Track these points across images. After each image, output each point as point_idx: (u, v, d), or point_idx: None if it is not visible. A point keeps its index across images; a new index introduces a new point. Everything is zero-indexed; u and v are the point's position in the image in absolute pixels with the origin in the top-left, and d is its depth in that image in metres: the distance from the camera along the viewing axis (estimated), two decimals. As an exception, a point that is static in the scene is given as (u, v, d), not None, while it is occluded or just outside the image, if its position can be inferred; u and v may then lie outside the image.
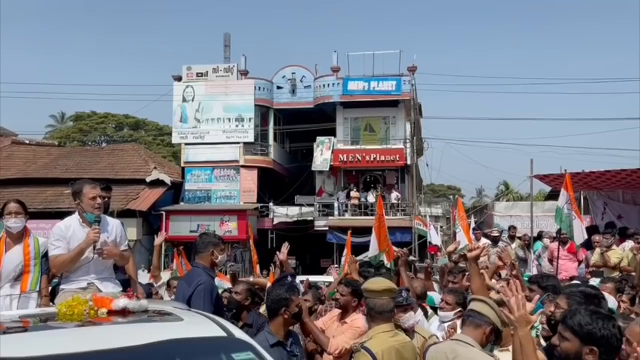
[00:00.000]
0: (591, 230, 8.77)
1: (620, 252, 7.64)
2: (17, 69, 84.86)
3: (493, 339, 2.77)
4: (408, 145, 23.58)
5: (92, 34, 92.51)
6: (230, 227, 22.73)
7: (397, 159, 23.25)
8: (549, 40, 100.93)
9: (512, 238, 10.53)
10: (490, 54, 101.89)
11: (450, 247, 6.16)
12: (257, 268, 11.57)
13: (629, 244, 7.92)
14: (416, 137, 24.63)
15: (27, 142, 31.85)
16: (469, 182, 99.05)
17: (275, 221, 23.90)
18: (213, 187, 24.76)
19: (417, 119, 25.14)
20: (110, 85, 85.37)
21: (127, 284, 3.93)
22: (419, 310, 4.26)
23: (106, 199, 3.92)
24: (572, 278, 7.13)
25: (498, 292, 4.70)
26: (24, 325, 2.64)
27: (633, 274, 5.92)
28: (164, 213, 22.92)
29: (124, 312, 2.57)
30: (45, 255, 3.87)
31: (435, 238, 14.18)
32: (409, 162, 23.54)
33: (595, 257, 7.69)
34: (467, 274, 5.23)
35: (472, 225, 11.15)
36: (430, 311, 4.84)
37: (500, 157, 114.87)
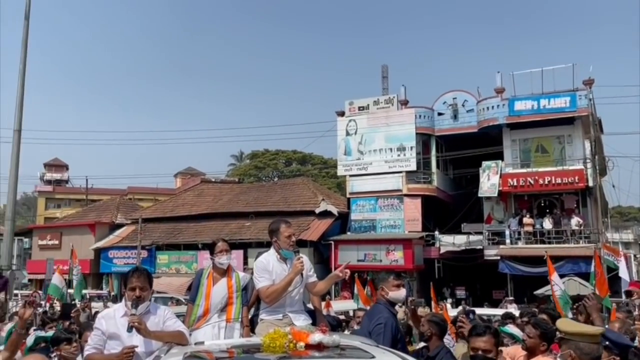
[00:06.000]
0: None
1: None
2: (203, 117, 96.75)
3: None
4: (589, 165, 21.39)
5: (264, 81, 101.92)
6: (396, 257, 22.78)
7: (576, 180, 21.23)
8: None
9: None
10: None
11: None
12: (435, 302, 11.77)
13: None
14: (598, 155, 22.24)
15: (214, 180, 36.02)
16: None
17: (442, 250, 23.35)
18: (378, 216, 25.14)
19: (597, 135, 22.74)
20: (280, 126, 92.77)
21: (311, 316, 4.16)
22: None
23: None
24: None
25: None
26: (229, 356, 2.91)
27: None
28: (332, 243, 23.90)
29: (319, 347, 2.74)
30: (245, 288, 4.32)
31: (625, 272, 11.80)
32: (590, 183, 21.33)
33: None
34: None
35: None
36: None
37: None
